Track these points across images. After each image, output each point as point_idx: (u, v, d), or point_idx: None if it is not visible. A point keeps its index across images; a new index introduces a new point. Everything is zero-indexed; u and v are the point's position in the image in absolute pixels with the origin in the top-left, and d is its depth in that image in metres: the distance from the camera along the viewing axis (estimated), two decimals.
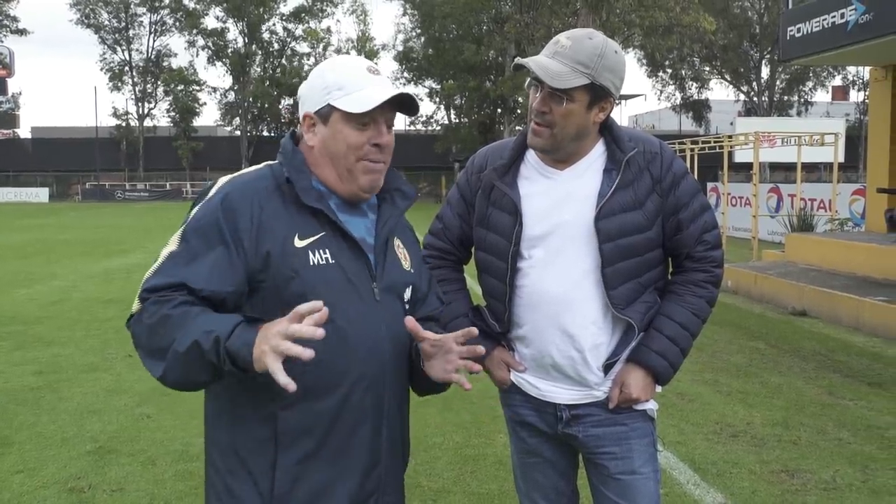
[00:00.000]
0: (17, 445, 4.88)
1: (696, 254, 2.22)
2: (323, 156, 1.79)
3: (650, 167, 2.16)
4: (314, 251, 1.71)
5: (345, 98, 1.75)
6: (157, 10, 57.43)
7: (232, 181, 1.77)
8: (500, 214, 2.22)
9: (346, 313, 1.72)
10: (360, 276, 1.77)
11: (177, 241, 1.69)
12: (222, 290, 1.66)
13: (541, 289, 2.18)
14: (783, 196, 20.07)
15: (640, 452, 2.23)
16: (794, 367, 7.01)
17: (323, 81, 1.78)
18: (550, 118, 2.08)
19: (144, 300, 1.64)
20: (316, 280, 1.70)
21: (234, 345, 1.51)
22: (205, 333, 1.53)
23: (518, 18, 35.05)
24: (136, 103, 58.07)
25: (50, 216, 33.32)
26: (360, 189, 1.81)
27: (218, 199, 1.71)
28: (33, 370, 6.76)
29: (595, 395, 2.22)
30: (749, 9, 50.12)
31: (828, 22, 11.75)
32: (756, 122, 32.41)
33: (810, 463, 4.62)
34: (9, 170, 55.41)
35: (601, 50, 2.05)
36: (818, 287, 9.72)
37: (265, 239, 1.68)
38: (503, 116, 47.52)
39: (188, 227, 1.70)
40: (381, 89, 1.76)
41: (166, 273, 1.65)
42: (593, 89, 2.06)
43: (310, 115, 1.79)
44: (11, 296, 10.99)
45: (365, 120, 1.75)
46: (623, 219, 2.11)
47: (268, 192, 1.74)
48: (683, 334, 2.20)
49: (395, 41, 62.57)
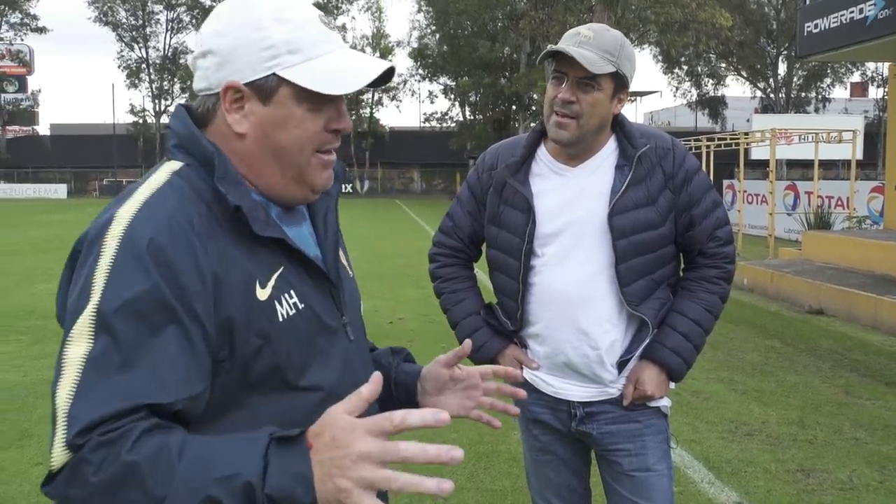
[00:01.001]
0: (36, 438, 4.94)
1: (708, 250, 2.22)
2: (262, 149, 1.23)
3: (662, 163, 2.16)
4: (279, 299, 1.20)
5: (304, 67, 1.20)
6: (174, 7, 57.73)
7: (143, 216, 1.13)
8: (512, 212, 2.21)
9: (330, 369, 1.28)
10: (331, 314, 1.31)
11: (88, 335, 1.06)
12: (195, 394, 1.10)
13: (554, 286, 2.17)
14: (800, 193, 19.92)
15: (654, 449, 2.23)
16: (810, 366, 6.97)
17: (264, 37, 1.19)
18: (577, 108, 2.07)
19: (78, 447, 1.00)
20: (289, 341, 1.21)
21: (282, 485, 0.98)
22: (220, 482, 0.98)
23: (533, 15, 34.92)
24: (152, 100, 58.43)
25: (68, 212, 33.59)
26: (313, 191, 1.29)
27: (138, 250, 1.09)
28: (52, 364, 6.74)
29: (609, 392, 2.21)
30: (766, 4, 49.72)
31: (846, 17, 11.65)
32: (773, 119, 32.17)
33: (826, 462, 4.59)
34: (28, 166, 55.96)
35: (621, 41, 2.10)
36: (835, 285, 9.65)
37: (223, 299, 1.14)
38: (518, 113, 47.43)
39: (103, 308, 1.06)
40: (359, 57, 1.27)
41: (104, 392, 1.03)
42: (617, 78, 2.09)
43: (238, 86, 1.20)
44: (30, 290, 11.11)
45: (322, 98, 1.22)
46: (636, 215, 2.11)
47: (201, 224, 1.15)
48: (696, 331, 2.20)
49: (409, 38, 62.91)
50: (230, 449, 1.01)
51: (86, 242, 1.15)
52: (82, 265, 1.12)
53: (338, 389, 1.23)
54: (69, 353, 1.06)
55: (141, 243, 1.09)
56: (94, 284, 1.08)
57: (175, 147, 1.24)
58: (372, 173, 57.36)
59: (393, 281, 11.90)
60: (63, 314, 1.16)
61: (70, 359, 1.06)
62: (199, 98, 1.26)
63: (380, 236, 20.39)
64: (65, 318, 1.13)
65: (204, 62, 1.23)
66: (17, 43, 58.02)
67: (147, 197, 1.16)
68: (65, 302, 1.16)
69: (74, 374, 1.04)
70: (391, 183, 58.36)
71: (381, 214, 31.72)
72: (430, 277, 2.45)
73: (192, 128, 1.23)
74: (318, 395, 1.23)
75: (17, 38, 58.02)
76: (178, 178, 1.19)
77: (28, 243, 18.46)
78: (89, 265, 1.10)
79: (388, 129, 58.76)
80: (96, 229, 1.15)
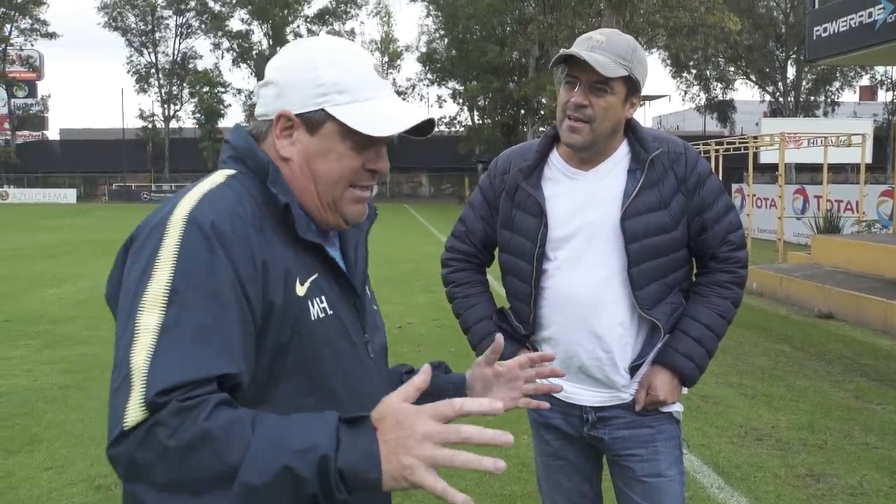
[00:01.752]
0: (45, 443, 4.96)
1: (720, 254, 2.22)
2: (304, 175, 1.34)
3: (675, 167, 2.16)
4: (312, 300, 1.29)
5: (350, 108, 1.32)
6: (183, 12, 58.06)
7: (205, 205, 1.23)
8: (524, 216, 2.21)
9: (351, 378, 1.35)
10: (355, 328, 1.39)
11: (161, 305, 1.12)
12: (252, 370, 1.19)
13: (567, 290, 2.17)
14: (809, 197, 19.85)
15: (666, 455, 2.23)
16: (819, 371, 6.94)
17: (317, 76, 1.32)
18: (590, 112, 2.07)
19: (157, 406, 1.05)
20: (318, 341, 1.29)
21: (351, 461, 1.04)
22: (298, 454, 1.04)
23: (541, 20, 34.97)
24: (161, 105, 58.77)
25: (77, 217, 33.75)
26: (346, 221, 1.40)
27: (204, 230, 1.18)
28: (61, 369, 6.86)
29: (622, 396, 2.21)
30: (774, 8, 49.66)
31: (855, 21, 11.62)
32: (782, 122, 32.07)
33: (836, 467, 4.57)
34: (38, 171, 56.31)
35: (633, 45, 2.10)
36: (845, 289, 9.60)
37: (269, 287, 1.23)
38: (526, 118, 47.44)
39: (175, 281, 1.14)
40: (402, 106, 1.38)
41: (182, 359, 1.09)
42: (629, 82, 2.09)
43: (290, 115, 1.32)
44: (40, 295, 11.16)
45: (365, 139, 1.34)
46: (648, 219, 2.11)
47: (256, 220, 1.26)
48: (709, 336, 2.19)
49: (418, 43, 62.82)
50: (303, 425, 1.08)
51: (146, 229, 1.23)
52: (142, 247, 1.20)
53: (358, 399, 1.32)
54: (142, 320, 1.11)
55: (205, 225, 1.19)
56: (161, 260, 1.16)
57: (230, 158, 1.36)
58: (380, 178, 57.23)
59: (402, 286, 11.91)
60: (115, 291, 1.24)
61: (144, 325, 1.11)
62: (256, 122, 1.39)
63: (389, 241, 20.40)
64: (120, 294, 1.20)
65: (266, 91, 1.37)
66: (27, 48, 58.43)
67: (207, 191, 1.26)
68: (118, 280, 1.24)
69: (150, 340, 1.10)
70: (399, 187, 58.40)
71: (389, 219, 31.74)
72: (443, 282, 2.45)
73: (251, 142, 1.36)
74: (341, 401, 1.28)
75: (27, 44, 58.51)
76: (233, 181, 1.31)
77: (38, 248, 18.55)
78: (153, 245, 1.18)
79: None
80: (157, 217, 1.23)
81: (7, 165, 56.00)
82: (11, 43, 57.55)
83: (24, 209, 42.22)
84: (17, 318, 9.35)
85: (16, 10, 56.45)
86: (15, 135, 58.94)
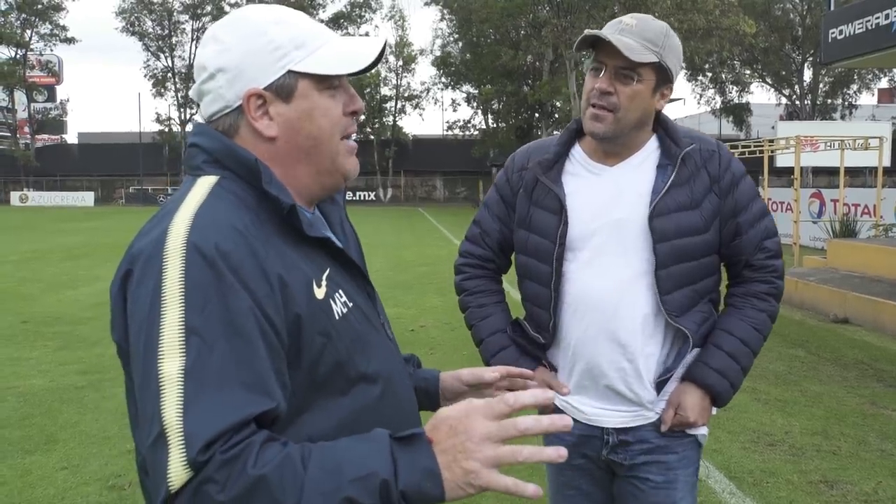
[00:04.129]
0: (61, 443, 5.01)
1: (755, 262, 2.08)
2: (294, 148, 1.26)
3: (707, 165, 2.02)
4: (333, 298, 1.24)
5: (313, 58, 1.25)
6: (199, 17, 58.37)
7: (201, 225, 1.13)
8: (542, 213, 2.06)
9: (382, 361, 1.32)
10: (372, 313, 1.36)
11: (179, 348, 1.04)
12: (287, 396, 1.13)
13: (589, 293, 2.01)
14: (826, 201, 19.70)
15: (683, 482, 2.09)
16: (834, 376, 6.89)
17: (269, 39, 1.23)
18: (615, 100, 1.92)
19: (201, 464, 0.99)
20: (346, 338, 1.24)
21: (413, 481, 1.02)
22: (356, 483, 1.01)
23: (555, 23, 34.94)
24: (178, 109, 59.01)
25: (95, 219, 34.02)
26: (345, 178, 1.33)
27: (208, 258, 1.09)
28: (78, 369, 6.93)
29: (647, 415, 2.06)
30: (791, 11, 49.34)
31: (871, 23, 11.54)
32: (798, 125, 31.89)
33: (851, 474, 4.54)
34: (56, 174, 56.78)
35: (666, 30, 1.96)
36: (861, 294, 9.53)
37: (290, 300, 1.15)
38: (541, 121, 47.39)
39: (189, 319, 1.06)
40: (357, 40, 1.32)
41: (215, 405, 1.02)
42: (660, 70, 1.94)
43: (259, 91, 1.23)
44: (58, 297, 11.26)
45: (335, 83, 1.28)
46: (679, 218, 1.97)
47: (256, 230, 1.17)
48: (744, 351, 2.04)
49: (432, 46, 63.01)
50: (354, 451, 1.05)
51: (140, 261, 1.12)
52: (142, 282, 1.10)
53: (391, 381, 1.31)
54: (164, 369, 1.03)
55: (209, 251, 1.09)
56: (168, 296, 1.06)
57: (206, 163, 1.24)
58: (395, 181, 57.51)
59: (416, 289, 11.91)
60: (122, 335, 1.16)
61: (167, 374, 1.03)
62: (215, 121, 1.27)
63: (403, 245, 20.43)
64: (130, 338, 1.12)
65: (213, 83, 1.25)
66: (46, 53, 58.99)
67: (196, 209, 1.15)
68: (121, 324, 1.15)
69: (177, 390, 1.02)
70: (414, 191, 58.44)
71: (404, 223, 31.78)
72: (456, 290, 2.29)
73: (225, 141, 1.24)
74: (378, 388, 1.27)
75: (46, 49, 59.03)
76: (220, 189, 1.20)
77: (55, 250, 18.72)
78: (154, 280, 1.08)
79: (412, 137, 58.91)
80: (150, 246, 1.12)
81: (26, 168, 56.54)
82: (31, 48, 58.12)
83: (43, 212, 42.59)
84: (34, 319, 9.45)
85: (36, 16, 57.00)
86: (34, 138, 59.50)
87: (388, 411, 1.27)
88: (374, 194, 55.51)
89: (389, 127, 56.89)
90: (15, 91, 57.98)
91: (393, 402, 1.30)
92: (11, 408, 5.80)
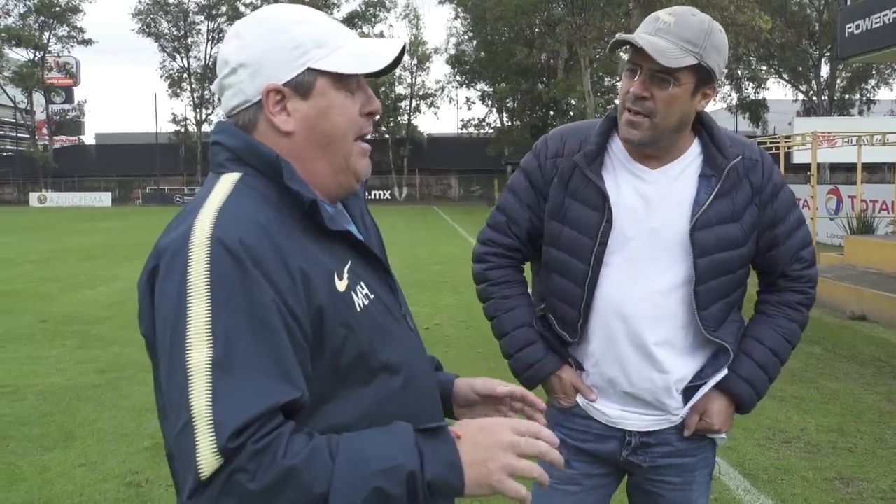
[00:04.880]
0: (79, 440, 5.07)
1: (791, 272, 2.02)
2: (310, 143, 1.28)
3: (750, 175, 1.94)
4: (354, 290, 1.25)
5: (332, 57, 1.27)
6: (215, 18, 58.72)
7: (225, 221, 1.16)
8: (581, 208, 1.94)
9: (404, 351, 1.34)
10: (394, 304, 1.38)
11: (207, 340, 1.07)
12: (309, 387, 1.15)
13: (623, 300, 1.93)
14: (843, 197, 19.56)
15: (699, 484, 2.08)
16: (851, 373, 6.85)
17: (290, 37, 1.26)
18: (651, 105, 1.83)
19: (231, 452, 1.02)
20: (368, 329, 1.25)
21: (438, 473, 1.09)
22: (385, 474, 1.07)
23: (570, 21, 34.85)
24: (194, 109, 59.43)
25: (112, 219, 34.29)
26: (357, 179, 1.35)
27: (233, 252, 1.12)
28: (95, 368, 7.00)
29: (671, 419, 2.01)
30: (808, 6, 48.97)
31: (889, 17, 11.44)
32: (815, 121, 31.66)
33: (867, 471, 4.51)
34: (74, 175, 57.30)
35: (708, 27, 1.82)
36: (878, 291, 9.46)
37: (312, 293, 1.17)
38: (555, 119, 47.30)
39: (215, 311, 1.09)
40: (377, 41, 1.35)
41: (243, 394, 1.05)
42: (700, 71, 1.82)
43: (278, 87, 1.25)
44: (76, 296, 11.38)
45: (354, 83, 1.30)
46: (720, 231, 1.90)
47: (278, 225, 1.19)
48: (773, 361, 2.00)
49: (447, 45, 63.02)
50: (380, 443, 1.10)
51: (166, 256, 1.16)
52: (169, 276, 1.14)
53: (413, 372, 1.32)
54: (192, 359, 1.07)
55: (233, 245, 1.12)
56: (194, 291, 1.10)
57: (228, 160, 1.27)
58: (410, 179, 57.60)
59: (431, 287, 11.92)
60: (149, 329, 1.18)
61: (195, 365, 1.06)
62: (235, 115, 1.30)
63: (418, 243, 20.46)
64: (157, 332, 1.15)
65: (235, 78, 1.28)
66: (64, 55, 59.53)
67: (220, 205, 1.18)
68: (150, 317, 1.18)
69: (206, 380, 1.05)
70: (429, 189, 58.51)
71: (419, 221, 31.82)
72: (476, 279, 2.14)
73: (247, 138, 1.27)
74: (400, 378, 1.29)
75: (64, 51, 59.57)
76: (243, 186, 1.23)
77: (73, 250, 18.90)
78: (181, 274, 1.12)
79: (426, 136, 58.97)
80: (176, 241, 1.16)
81: (45, 169, 57.10)
82: (49, 50, 58.66)
83: (61, 212, 42.99)
84: (53, 318, 9.55)
85: (54, 19, 57.54)
86: (52, 139, 60.08)
87: (410, 402, 1.29)
88: (389, 193, 55.61)
89: (404, 125, 57.00)
90: (33, 92, 58.61)
91: (415, 393, 1.32)
92: (31, 405, 5.87)
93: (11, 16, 57.01)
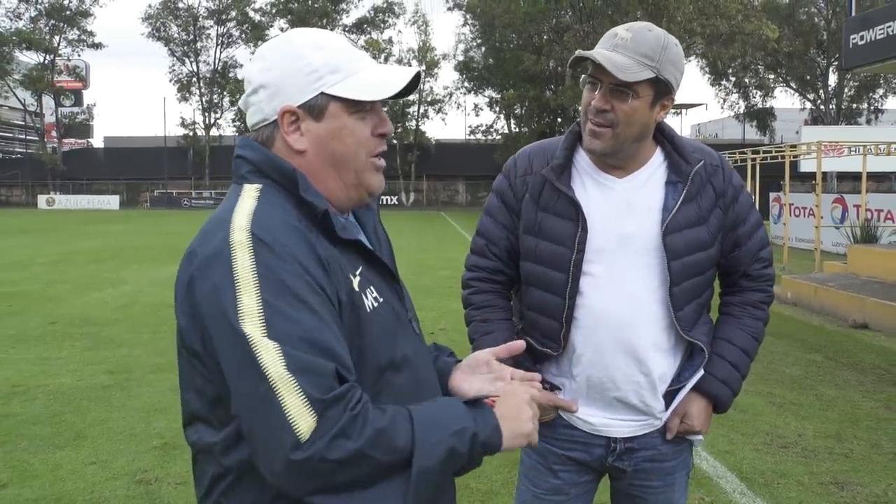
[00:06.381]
0: (90, 439, 5.18)
1: (752, 272, 2.12)
2: (321, 161, 1.39)
3: (712, 180, 2.03)
4: (364, 292, 1.37)
5: (346, 83, 1.37)
6: (224, 22, 59.02)
7: (258, 222, 1.29)
8: (555, 220, 2.01)
9: (411, 357, 1.44)
10: (401, 310, 1.48)
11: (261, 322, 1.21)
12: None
13: (604, 307, 1.99)
14: (848, 206, 19.58)
15: (679, 484, 2.17)
16: (851, 381, 6.91)
17: (307, 63, 1.36)
18: (612, 117, 1.90)
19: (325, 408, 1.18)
20: (375, 329, 1.36)
21: (486, 435, 1.31)
22: (455, 435, 1.27)
23: (577, 28, 34.97)
24: (202, 113, 59.67)
25: (120, 223, 34.48)
26: (370, 193, 1.46)
27: (273, 245, 1.26)
28: (105, 369, 7.11)
29: (654, 423, 2.09)
30: (816, 15, 48.97)
31: (893, 29, 11.50)
32: (822, 130, 31.65)
33: (862, 476, 4.58)
34: (83, 178, 57.55)
35: (664, 41, 1.90)
36: (880, 300, 9.51)
37: (335, 283, 1.31)
38: (563, 126, 47.37)
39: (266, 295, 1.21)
40: (390, 68, 1.44)
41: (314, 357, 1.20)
42: (657, 84, 1.90)
43: (293, 109, 1.36)
44: (85, 299, 11.50)
45: (367, 107, 1.40)
46: (689, 235, 1.98)
47: (307, 228, 1.32)
48: (745, 360, 2.10)
49: (455, 51, 63.16)
50: (447, 410, 1.31)
51: (204, 260, 1.28)
52: (208, 275, 1.26)
53: (417, 371, 1.45)
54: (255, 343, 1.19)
55: (270, 241, 1.26)
56: (242, 282, 1.22)
57: (250, 173, 1.39)
58: (417, 185, 57.68)
59: (437, 293, 12.03)
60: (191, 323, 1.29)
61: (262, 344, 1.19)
62: (256, 131, 1.42)
63: (425, 248, 20.54)
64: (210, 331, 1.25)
65: (256, 97, 1.40)
66: (73, 59, 59.90)
67: (252, 210, 1.31)
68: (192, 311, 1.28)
69: (275, 351, 1.19)
70: (436, 195, 58.59)
71: (426, 227, 31.92)
72: (463, 304, 2.22)
73: (268, 153, 1.39)
74: (404, 376, 1.40)
75: (74, 54, 59.93)
76: (265, 196, 1.35)
77: (83, 253, 19.02)
78: (223, 269, 1.24)
79: (434, 142, 59.07)
80: (215, 245, 1.28)
81: (53, 172, 57.39)
82: (59, 53, 59.04)
83: (70, 215, 43.24)
84: (63, 320, 9.67)
85: (65, 22, 57.92)
86: (61, 142, 60.42)
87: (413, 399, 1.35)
88: (396, 198, 55.72)
89: (412, 131, 57.09)
90: (43, 95, 59.00)
91: (418, 390, 1.43)
92: (42, 405, 5.98)
93: (22, 19, 57.49)
